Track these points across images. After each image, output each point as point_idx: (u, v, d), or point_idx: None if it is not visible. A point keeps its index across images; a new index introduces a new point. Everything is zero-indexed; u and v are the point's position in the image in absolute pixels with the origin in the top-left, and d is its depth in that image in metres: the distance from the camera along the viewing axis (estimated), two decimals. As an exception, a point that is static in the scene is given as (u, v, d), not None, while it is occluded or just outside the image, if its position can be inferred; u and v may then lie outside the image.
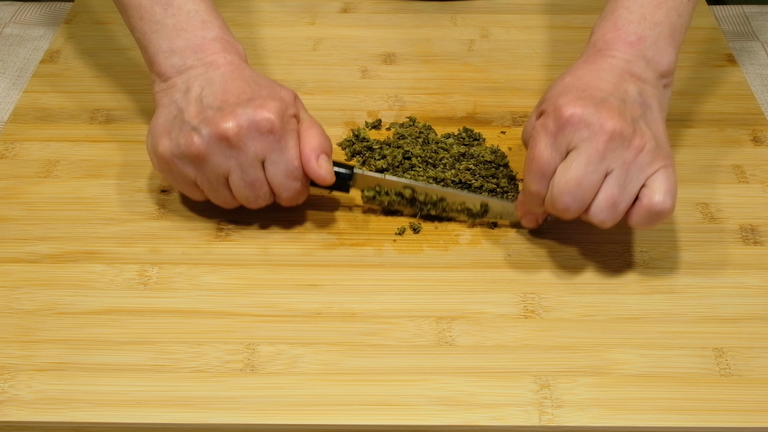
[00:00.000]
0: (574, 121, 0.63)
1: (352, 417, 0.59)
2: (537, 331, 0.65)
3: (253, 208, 0.70)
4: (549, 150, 0.64)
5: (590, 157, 0.62)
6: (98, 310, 0.66)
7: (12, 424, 0.59)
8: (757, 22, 1.01)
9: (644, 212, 0.64)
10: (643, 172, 0.63)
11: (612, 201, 0.63)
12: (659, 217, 0.64)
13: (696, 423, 0.59)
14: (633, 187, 0.64)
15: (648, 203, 0.63)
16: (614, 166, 0.63)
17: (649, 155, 0.63)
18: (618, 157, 0.63)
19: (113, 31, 0.95)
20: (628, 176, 0.63)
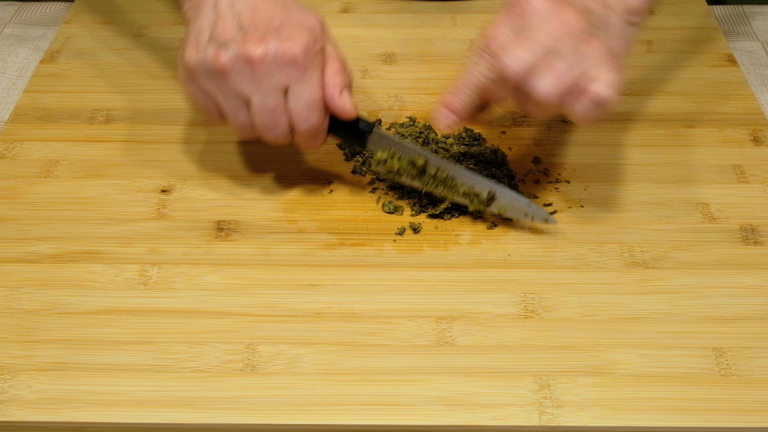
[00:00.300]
0: (536, 7, 0.65)
1: (352, 417, 0.59)
2: (537, 331, 0.65)
3: (270, 139, 0.69)
4: (505, 29, 0.66)
5: (543, 34, 0.64)
6: (98, 310, 0.66)
7: (12, 424, 0.59)
8: (757, 22, 1.01)
9: (588, 101, 0.64)
10: (590, 63, 0.64)
11: (556, 75, 0.64)
12: (601, 107, 0.64)
13: (696, 423, 0.59)
14: (578, 72, 0.64)
15: (593, 91, 0.64)
16: (564, 50, 0.64)
17: (599, 51, 0.65)
18: (569, 43, 0.64)
19: (113, 31, 0.95)
20: (575, 61, 0.64)
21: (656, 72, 0.90)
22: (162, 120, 0.83)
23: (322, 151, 0.80)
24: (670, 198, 0.76)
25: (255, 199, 0.75)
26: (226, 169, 0.78)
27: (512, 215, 0.72)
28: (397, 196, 0.75)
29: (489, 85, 0.67)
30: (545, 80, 0.64)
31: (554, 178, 0.77)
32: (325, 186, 0.76)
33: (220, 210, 0.74)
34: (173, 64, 0.90)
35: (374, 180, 0.77)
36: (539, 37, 0.64)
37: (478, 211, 0.73)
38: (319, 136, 0.70)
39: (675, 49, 0.93)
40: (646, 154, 0.80)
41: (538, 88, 0.64)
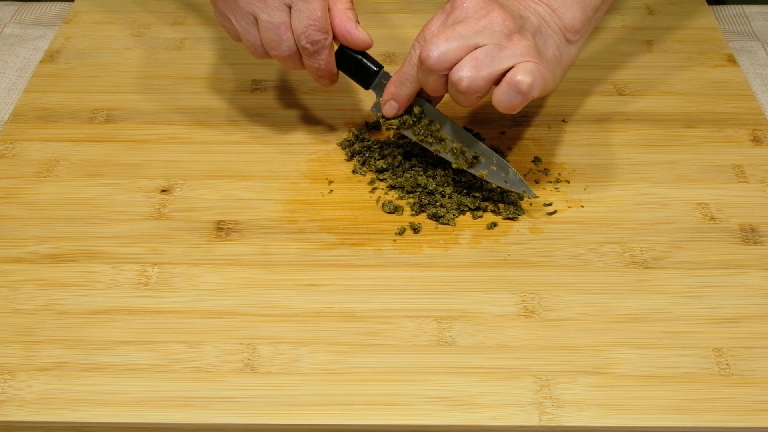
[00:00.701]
0: (468, 4, 0.68)
1: (352, 417, 0.59)
2: (537, 331, 0.65)
3: (279, 56, 0.73)
4: (437, 23, 0.70)
5: (467, 27, 0.67)
6: (98, 310, 0.66)
7: (12, 424, 0.59)
8: (757, 22, 1.01)
9: (506, 86, 0.66)
10: (513, 57, 0.67)
11: (474, 64, 0.66)
12: (520, 94, 0.66)
13: (696, 423, 0.59)
14: (499, 64, 0.67)
15: (512, 78, 0.66)
16: (486, 42, 0.67)
17: (524, 48, 0.67)
18: (493, 37, 0.67)
19: (113, 31, 0.95)
20: (496, 54, 0.67)
21: (656, 72, 0.90)
22: (162, 120, 0.83)
23: (321, 151, 0.80)
24: (670, 198, 0.76)
25: (255, 199, 0.75)
26: (226, 169, 0.78)
27: (492, 180, 0.73)
28: (397, 196, 0.75)
29: (416, 72, 0.70)
30: (464, 69, 0.66)
31: (554, 178, 0.77)
32: (325, 186, 0.76)
33: (220, 210, 0.74)
34: (173, 64, 0.90)
35: (374, 180, 0.77)
36: (462, 28, 0.67)
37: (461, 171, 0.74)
38: (325, 58, 0.74)
39: (675, 49, 0.93)
40: (646, 154, 0.80)
41: (456, 74, 0.67)
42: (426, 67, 0.68)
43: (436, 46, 0.67)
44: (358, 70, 0.76)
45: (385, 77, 0.75)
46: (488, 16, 0.67)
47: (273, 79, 0.89)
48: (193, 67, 0.90)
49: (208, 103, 0.85)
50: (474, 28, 0.67)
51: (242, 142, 0.81)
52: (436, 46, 0.67)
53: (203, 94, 0.86)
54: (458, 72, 0.67)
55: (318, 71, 0.75)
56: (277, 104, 0.85)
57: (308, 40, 0.72)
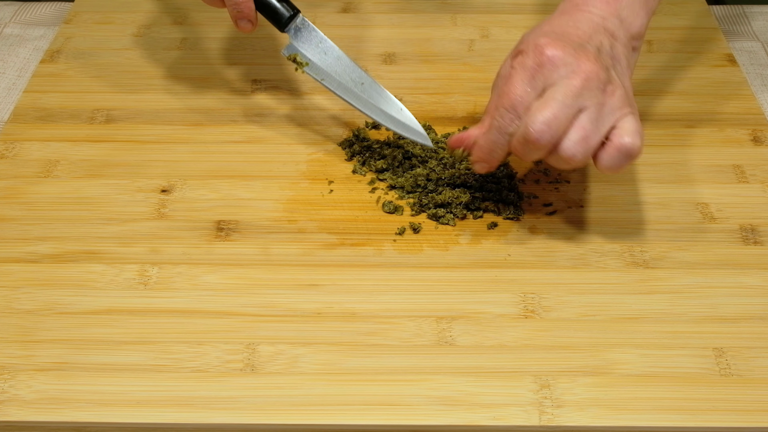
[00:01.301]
0: (555, 60, 0.65)
1: (352, 417, 0.59)
2: (537, 331, 0.65)
3: None
4: (525, 85, 0.65)
5: (567, 92, 0.64)
6: (98, 310, 0.66)
7: (12, 424, 0.59)
8: (757, 22, 1.01)
9: (615, 151, 0.65)
10: (613, 114, 0.65)
11: (584, 135, 0.64)
12: (629, 158, 0.65)
13: (696, 423, 0.59)
14: (603, 127, 0.65)
15: (619, 142, 0.65)
16: (588, 104, 0.64)
17: (619, 100, 0.66)
18: (593, 97, 0.64)
19: (113, 31, 0.95)
20: (600, 115, 0.65)
21: (656, 72, 0.90)
22: (162, 120, 0.83)
23: (321, 151, 0.80)
24: (670, 198, 0.76)
25: (255, 199, 0.75)
26: (226, 169, 0.78)
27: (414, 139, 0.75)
28: (397, 196, 0.75)
29: (515, 144, 0.66)
30: (572, 140, 0.64)
31: (554, 178, 0.77)
32: (325, 186, 0.76)
33: (220, 210, 0.74)
34: (173, 64, 0.90)
35: (374, 180, 0.77)
36: (561, 95, 0.64)
37: None
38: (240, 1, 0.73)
39: (675, 49, 0.93)
40: (646, 154, 0.79)
41: (567, 149, 0.64)
42: (536, 146, 0.64)
43: (543, 123, 0.63)
44: (273, 13, 0.76)
45: (302, 23, 0.76)
46: (581, 71, 0.64)
47: (273, 79, 0.89)
48: (193, 67, 0.90)
49: (208, 103, 0.85)
50: (573, 91, 0.64)
51: (242, 142, 0.81)
52: (543, 122, 0.63)
53: (203, 94, 0.86)
54: (569, 147, 0.64)
55: (236, 6, 0.74)
56: (277, 104, 0.85)
57: None
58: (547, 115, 0.64)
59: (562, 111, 0.64)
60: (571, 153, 0.64)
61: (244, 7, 0.75)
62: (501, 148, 0.67)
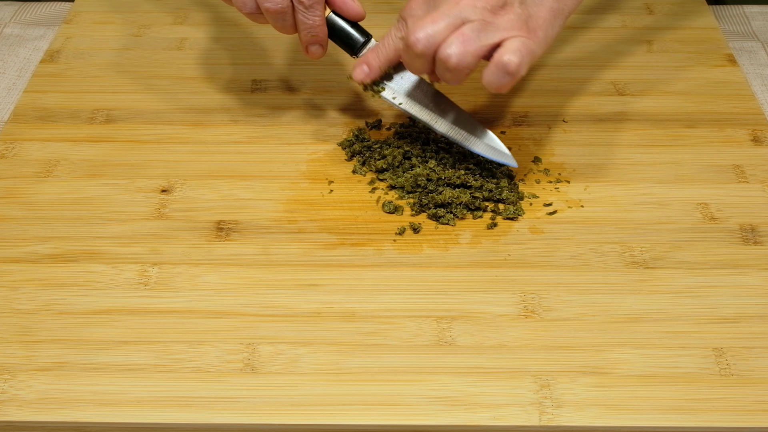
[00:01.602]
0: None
1: (352, 417, 0.59)
2: (537, 331, 0.65)
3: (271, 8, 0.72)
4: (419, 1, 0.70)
5: (451, 5, 0.67)
6: (98, 310, 0.66)
7: (12, 424, 0.59)
8: (757, 22, 1.01)
9: (494, 67, 0.67)
10: (499, 32, 0.67)
11: (462, 40, 0.67)
12: (508, 74, 0.67)
13: (696, 423, 0.59)
14: (486, 40, 0.67)
15: (499, 59, 0.67)
16: (472, 18, 0.67)
17: (510, 23, 0.67)
18: (477, 13, 0.67)
19: (113, 31, 0.95)
20: (482, 29, 0.67)
21: (656, 72, 0.90)
22: (162, 120, 0.83)
23: (321, 151, 0.80)
24: (670, 198, 0.76)
25: (255, 199, 0.75)
26: (226, 169, 0.78)
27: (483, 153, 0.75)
28: (397, 196, 0.75)
29: (402, 53, 0.71)
30: (450, 44, 0.67)
31: (554, 178, 0.77)
32: (325, 186, 0.76)
33: (220, 210, 0.74)
34: (173, 64, 0.90)
35: (374, 180, 0.77)
36: (446, 8, 0.67)
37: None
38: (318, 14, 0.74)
39: (675, 49, 0.93)
40: (646, 154, 0.80)
41: (443, 51, 0.67)
42: (415, 51, 0.68)
43: (422, 29, 0.67)
44: (347, 38, 0.76)
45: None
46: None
47: (273, 79, 0.89)
48: (193, 67, 0.90)
49: (208, 103, 0.85)
50: (458, 6, 0.67)
51: (242, 142, 0.81)
52: (422, 29, 0.67)
53: (203, 94, 0.86)
54: (446, 49, 0.67)
55: (310, 30, 0.74)
56: (277, 104, 0.85)
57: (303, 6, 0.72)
58: (425, 21, 0.67)
59: (441, 19, 0.67)
60: (446, 54, 0.67)
61: (319, 31, 0.75)
62: (390, 52, 0.73)
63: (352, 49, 0.77)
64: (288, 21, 0.74)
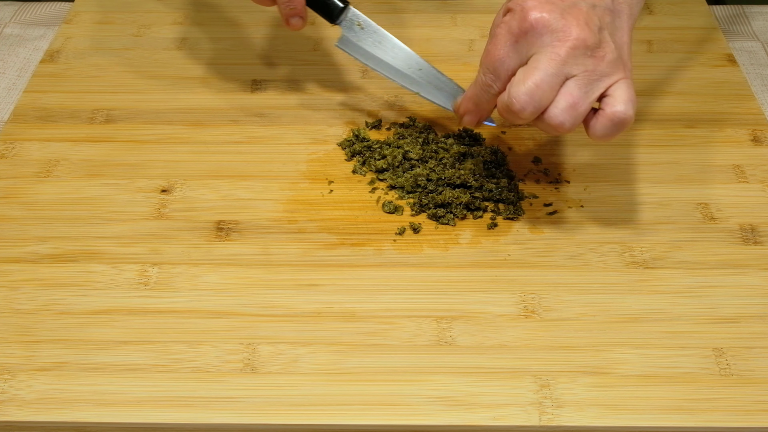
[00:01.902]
0: (539, 26, 0.63)
1: (352, 417, 0.59)
2: (537, 331, 0.65)
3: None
4: (506, 49, 0.65)
5: (551, 61, 0.63)
6: (98, 310, 0.66)
7: (12, 424, 0.59)
8: (757, 22, 1.01)
9: (607, 121, 0.64)
10: (603, 81, 0.64)
11: (572, 102, 0.63)
12: (621, 126, 0.64)
13: (696, 423, 0.59)
14: (593, 93, 0.64)
15: (611, 111, 0.64)
16: (576, 72, 0.63)
17: (610, 66, 0.64)
18: (580, 64, 0.63)
19: (113, 31, 0.95)
20: (588, 83, 0.64)
21: (656, 72, 0.90)
22: (162, 120, 0.83)
23: (321, 151, 0.80)
24: (670, 198, 0.76)
25: (255, 199, 0.75)
26: (226, 169, 0.78)
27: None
28: (397, 196, 0.75)
29: (500, 109, 0.67)
30: (559, 108, 0.63)
31: (554, 178, 0.77)
32: (325, 186, 0.76)
33: (220, 210, 0.74)
34: (173, 64, 0.90)
35: (374, 180, 0.77)
36: (545, 65, 0.63)
37: None
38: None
39: (675, 49, 0.93)
40: (646, 154, 0.80)
41: (554, 117, 0.64)
42: (520, 117, 0.64)
43: (528, 95, 0.63)
44: (325, 6, 0.78)
45: (354, 15, 0.78)
46: (567, 38, 0.63)
47: (273, 79, 0.89)
48: (193, 67, 0.90)
49: (208, 103, 0.85)
50: (557, 59, 0.63)
51: (242, 142, 0.81)
52: (527, 94, 0.63)
53: (203, 94, 0.86)
54: (557, 117, 0.63)
55: (288, 2, 0.75)
56: (277, 104, 0.85)
57: None
58: (529, 85, 0.63)
59: (545, 81, 0.63)
60: (559, 121, 0.64)
61: (296, 4, 0.75)
62: (486, 103, 0.69)
63: (330, 16, 0.78)
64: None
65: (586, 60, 0.63)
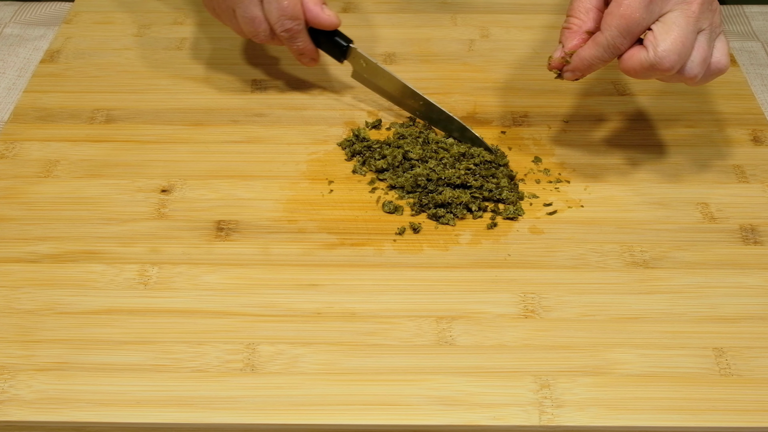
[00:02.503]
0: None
1: (352, 417, 0.60)
2: (537, 331, 0.65)
3: (261, 42, 0.80)
4: (642, 11, 0.67)
5: (689, 18, 0.68)
6: (98, 310, 0.66)
7: (12, 424, 0.59)
8: (757, 22, 1.01)
9: (715, 73, 0.71)
10: (716, 32, 0.70)
11: (704, 57, 0.69)
12: (719, 74, 0.71)
13: (696, 423, 0.59)
14: (713, 45, 0.70)
15: (716, 67, 0.71)
16: (704, 26, 0.69)
17: (719, 16, 0.71)
18: (707, 19, 0.69)
19: (113, 31, 0.95)
20: (712, 36, 0.70)
21: (656, 72, 0.90)
22: (162, 120, 0.83)
23: (321, 151, 0.80)
24: (670, 198, 0.76)
25: (255, 199, 0.75)
26: (226, 169, 0.78)
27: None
28: (397, 196, 0.75)
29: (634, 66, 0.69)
30: (695, 62, 0.69)
31: (554, 178, 0.77)
32: (325, 186, 0.77)
33: (220, 210, 0.74)
34: (173, 64, 0.90)
35: (374, 180, 0.77)
36: (684, 21, 0.67)
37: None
38: (302, 41, 0.80)
39: (675, 49, 0.93)
40: (646, 154, 0.80)
41: (691, 70, 0.69)
42: (663, 70, 0.68)
43: (677, 53, 0.67)
44: (332, 47, 0.82)
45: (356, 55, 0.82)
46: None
47: (273, 79, 0.89)
48: (193, 67, 0.90)
49: (208, 103, 0.85)
50: (693, 16, 0.68)
51: (242, 142, 0.81)
52: (675, 52, 0.67)
53: (203, 94, 0.87)
54: (693, 70, 0.69)
55: (298, 51, 0.81)
56: (277, 104, 0.85)
57: (282, 29, 0.78)
58: (676, 43, 0.67)
59: (688, 37, 0.68)
60: (695, 73, 0.69)
61: (305, 51, 0.81)
62: (602, 64, 0.71)
63: (339, 55, 0.83)
64: (280, 44, 0.81)
65: (710, 14, 0.69)
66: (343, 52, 0.82)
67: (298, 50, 0.81)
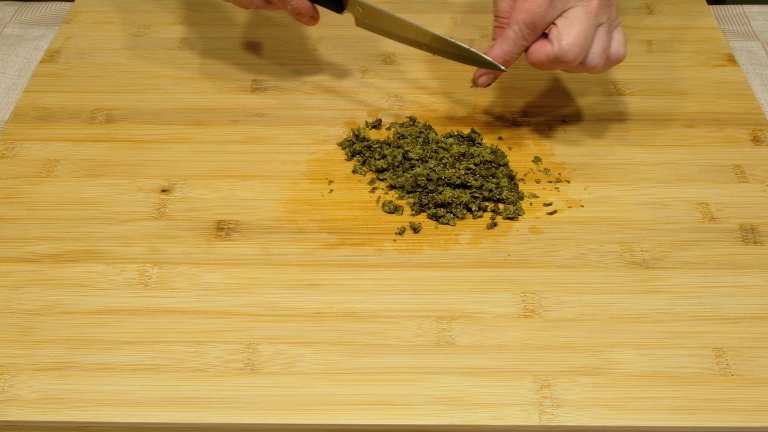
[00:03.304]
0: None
1: (352, 417, 0.60)
2: (537, 331, 0.65)
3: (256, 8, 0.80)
4: (545, 6, 0.72)
5: (588, 13, 0.72)
6: (98, 309, 0.66)
7: (12, 423, 0.59)
8: (757, 22, 1.01)
9: (610, 64, 0.75)
10: (613, 25, 0.75)
11: (603, 48, 0.74)
12: (618, 62, 0.76)
13: (696, 423, 0.59)
14: (611, 37, 0.75)
15: (614, 55, 0.75)
16: (603, 21, 0.73)
17: (617, 11, 0.75)
18: (605, 13, 0.73)
19: (113, 31, 0.95)
20: (610, 29, 0.74)
21: (656, 72, 0.90)
22: (162, 120, 0.83)
23: (321, 151, 0.80)
24: (670, 198, 0.76)
25: (255, 199, 0.75)
26: (226, 169, 0.78)
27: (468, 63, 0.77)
28: (397, 196, 0.75)
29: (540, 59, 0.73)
30: (596, 53, 0.73)
31: (554, 178, 0.77)
32: (325, 186, 0.77)
33: (220, 210, 0.74)
34: (173, 64, 0.90)
35: (374, 180, 0.77)
36: (584, 16, 0.72)
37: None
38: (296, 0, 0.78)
39: (675, 49, 0.93)
40: (646, 154, 0.80)
41: (591, 61, 0.73)
42: (566, 62, 0.72)
43: (576, 45, 0.71)
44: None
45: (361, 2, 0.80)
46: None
47: (273, 79, 0.89)
48: (193, 67, 0.90)
49: (208, 103, 0.85)
50: (593, 11, 0.72)
51: (242, 142, 0.81)
52: (576, 45, 0.71)
53: (203, 94, 0.87)
54: (593, 60, 0.73)
55: (295, 11, 0.80)
56: (277, 104, 0.85)
57: None
58: (578, 37, 0.72)
59: (589, 31, 0.72)
60: (595, 63, 0.73)
61: (300, 8, 0.80)
62: (514, 57, 0.75)
63: (336, 6, 0.80)
64: (276, 7, 0.80)
65: (608, 9, 0.73)
66: (340, 2, 0.80)
67: (294, 10, 0.80)
